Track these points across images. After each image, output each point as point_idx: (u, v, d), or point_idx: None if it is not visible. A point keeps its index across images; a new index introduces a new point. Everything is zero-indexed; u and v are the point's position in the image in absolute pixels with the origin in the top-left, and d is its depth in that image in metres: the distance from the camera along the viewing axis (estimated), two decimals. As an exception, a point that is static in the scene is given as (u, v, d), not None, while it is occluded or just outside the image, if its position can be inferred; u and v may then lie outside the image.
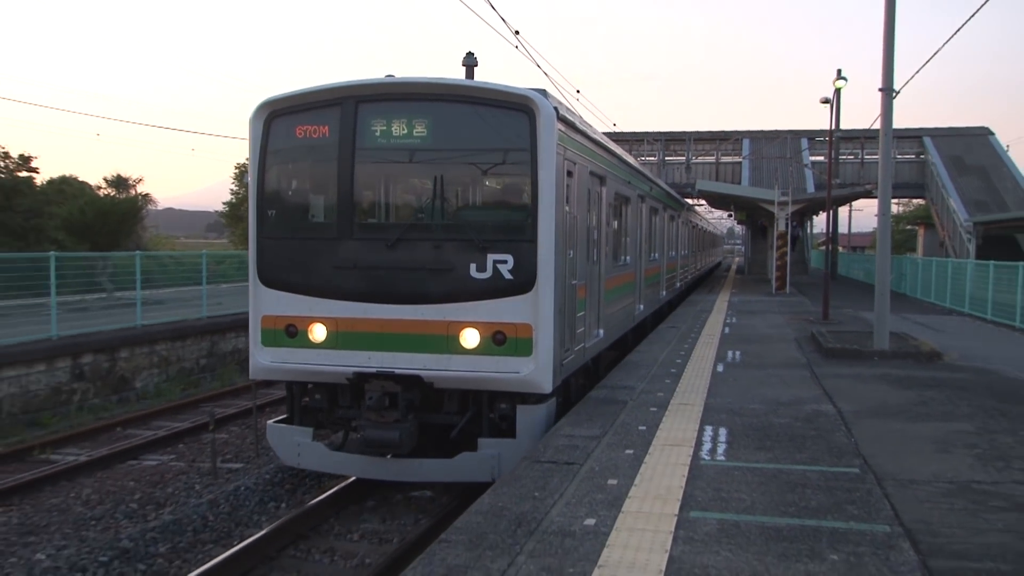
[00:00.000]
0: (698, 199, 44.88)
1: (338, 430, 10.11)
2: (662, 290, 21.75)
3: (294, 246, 9.80)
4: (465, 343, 9.15)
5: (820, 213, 49.41)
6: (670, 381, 11.96)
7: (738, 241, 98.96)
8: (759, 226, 47.21)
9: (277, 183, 10.06)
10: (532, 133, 9.05)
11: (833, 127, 31.24)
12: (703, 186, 39.37)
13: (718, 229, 74.91)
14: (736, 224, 72.40)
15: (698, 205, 46.46)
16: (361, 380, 9.31)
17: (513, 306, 9.07)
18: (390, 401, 9.15)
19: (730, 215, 59.64)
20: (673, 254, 24.46)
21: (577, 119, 10.79)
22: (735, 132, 53.42)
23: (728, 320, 21.28)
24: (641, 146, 50.82)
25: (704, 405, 10.32)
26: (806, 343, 16.78)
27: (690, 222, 32.03)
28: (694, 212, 36.34)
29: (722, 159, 52.64)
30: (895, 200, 58.75)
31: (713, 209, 56.23)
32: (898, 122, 16.26)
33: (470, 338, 9.14)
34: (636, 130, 52.13)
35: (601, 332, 12.49)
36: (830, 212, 34.35)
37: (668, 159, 52.48)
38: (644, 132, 52.64)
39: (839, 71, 30.12)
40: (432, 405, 9.54)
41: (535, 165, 9.04)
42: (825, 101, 31.70)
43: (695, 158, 52.30)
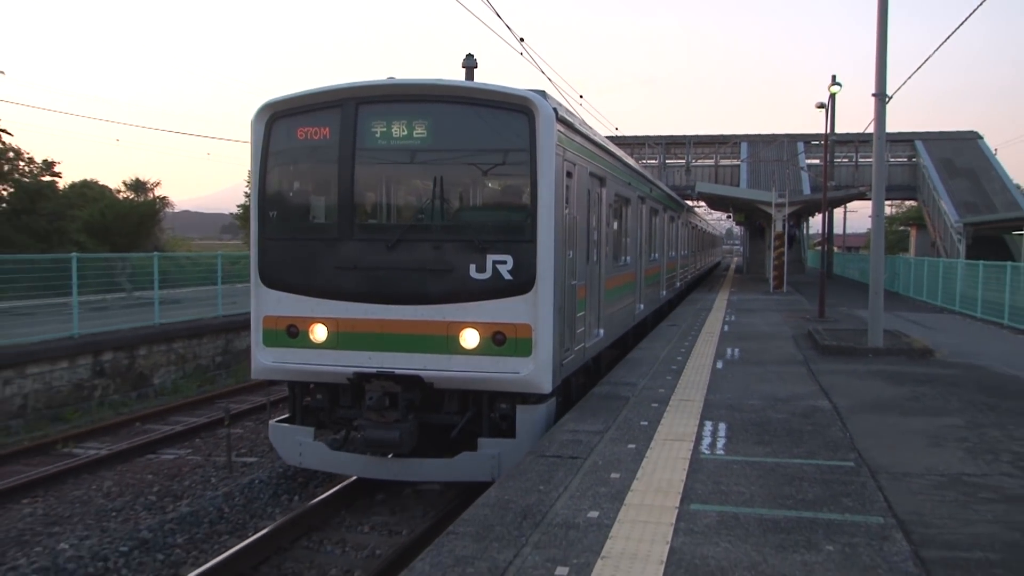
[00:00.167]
0: (698, 201, 44.91)
1: (339, 430, 9.90)
2: (662, 289, 21.51)
3: (295, 247, 9.59)
4: (465, 343, 8.94)
5: (816, 214, 49.43)
6: (671, 378, 11.95)
7: (737, 241, 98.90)
8: (757, 227, 47.14)
9: (278, 185, 9.86)
10: (531, 134, 8.84)
11: (828, 131, 31.23)
12: (703, 188, 39.38)
13: (717, 230, 74.77)
14: (735, 225, 72.40)
15: (698, 207, 46.44)
16: (361, 380, 9.11)
17: (512, 306, 8.86)
18: (390, 401, 8.95)
19: (729, 216, 59.73)
20: (673, 254, 24.23)
21: (576, 120, 10.60)
22: (733, 136, 53.30)
23: (727, 318, 21.25)
24: (642, 149, 50.74)
25: (704, 401, 10.31)
26: (803, 340, 16.75)
27: (690, 223, 31.92)
28: (694, 213, 36.25)
29: (721, 162, 52.54)
30: (888, 202, 58.65)
31: (712, 210, 56.27)
32: (891, 126, 16.26)
33: (470, 338, 8.93)
34: (638, 134, 52.04)
35: (601, 332, 12.28)
36: (825, 213, 34.30)
37: (668, 162, 52.39)
38: (645, 136, 52.53)
39: (833, 77, 30.15)
40: (432, 405, 9.32)
41: (534, 166, 8.84)
42: (821, 106, 31.60)
43: (695, 161, 52.22)
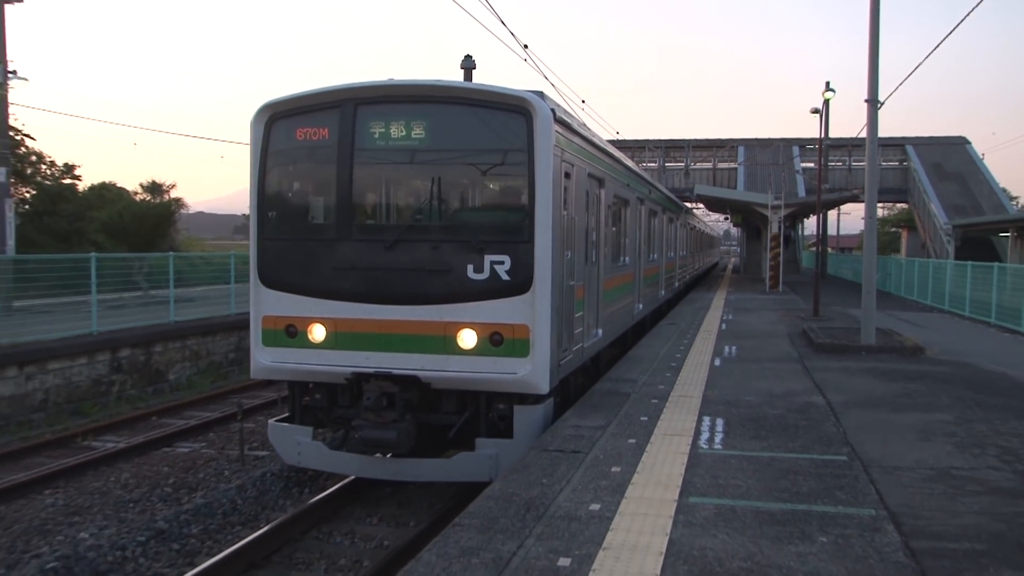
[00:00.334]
0: (696, 203, 44.86)
1: (338, 429, 9.71)
2: (661, 289, 21.36)
3: (294, 247, 9.37)
4: (462, 344, 8.71)
5: (811, 216, 49.33)
6: (670, 375, 11.95)
7: (734, 242, 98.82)
8: (754, 228, 47.11)
9: (277, 185, 9.64)
10: (529, 135, 8.61)
11: (822, 135, 31.19)
12: (701, 190, 39.41)
13: (715, 231, 74.72)
14: (732, 226, 72.27)
15: (696, 208, 46.41)
16: (359, 380, 8.90)
17: (510, 307, 8.62)
18: (388, 401, 8.73)
19: (727, 218, 59.61)
20: (672, 255, 24.09)
21: (575, 122, 10.37)
22: (731, 140, 53.30)
23: (725, 317, 21.23)
24: (643, 153, 50.74)
25: (702, 397, 10.31)
26: (798, 338, 16.74)
27: (688, 224, 31.87)
28: (692, 215, 36.21)
29: (719, 165, 52.53)
30: (880, 204, 58.54)
31: (711, 212, 56.19)
32: (882, 131, 16.24)
33: (467, 339, 8.70)
34: (638, 138, 52.06)
35: (600, 332, 12.03)
36: (820, 215, 34.22)
37: (668, 165, 52.39)
38: (645, 140, 52.54)
39: (827, 83, 30.13)
40: (430, 405, 9.09)
41: (532, 166, 8.61)
42: (815, 111, 31.56)
43: (693, 164, 52.20)
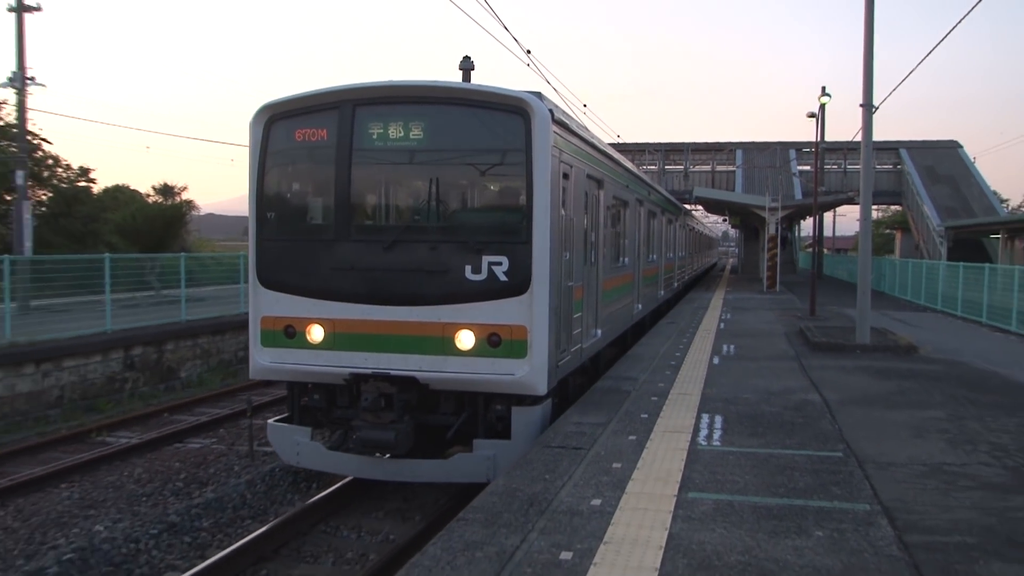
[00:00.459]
0: (696, 205, 44.86)
1: (337, 430, 9.50)
2: (660, 290, 21.18)
3: (292, 248, 9.16)
4: (460, 345, 8.49)
5: (807, 218, 49.33)
6: (670, 372, 11.94)
7: (732, 243, 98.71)
8: (752, 230, 47.09)
9: (276, 186, 9.42)
10: (527, 135, 8.41)
11: (818, 139, 31.15)
12: (700, 193, 39.40)
13: (714, 232, 74.67)
14: (730, 228, 72.22)
15: (695, 210, 46.40)
16: (357, 381, 8.71)
17: (508, 308, 8.41)
18: (386, 402, 8.53)
19: (725, 219, 59.55)
20: (671, 255, 23.97)
21: (573, 123, 10.15)
22: (729, 143, 53.29)
23: (723, 316, 21.21)
24: (643, 156, 50.74)
25: (701, 395, 10.30)
26: (795, 337, 16.73)
27: (687, 225, 31.80)
28: (691, 216, 36.18)
29: (717, 168, 52.53)
30: (875, 206, 58.49)
31: (709, 214, 56.15)
32: (877, 135, 16.25)
33: (465, 340, 8.48)
34: (639, 141, 52.03)
35: (599, 332, 11.82)
36: (816, 217, 34.21)
37: (668, 168, 52.41)
38: (646, 143, 52.54)
39: (823, 88, 30.02)
40: (428, 406, 8.89)
41: (530, 167, 8.39)
42: (811, 115, 31.56)
43: (693, 167, 52.20)
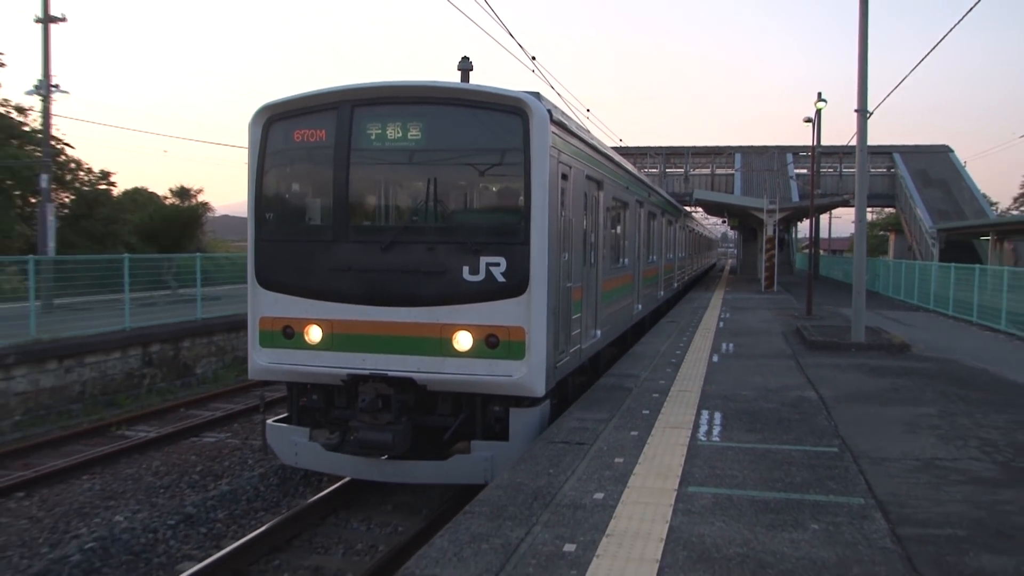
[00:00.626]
0: (696, 207, 44.81)
1: (336, 430, 9.28)
2: (660, 290, 20.93)
3: (291, 249, 8.91)
4: (458, 346, 8.23)
5: (804, 220, 49.16)
6: (671, 370, 11.92)
7: (731, 245, 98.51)
8: (750, 231, 47.06)
9: (275, 186, 9.20)
10: (525, 135, 8.14)
11: (815, 143, 31.10)
12: (700, 195, 39.40)
13: (713, 234, 74.51)
14: (730, 229, 72.09)
15: (695, 212, 46.33)
16: (355, 382, 8.43)
17: (506, 309, 8.15)
18: (383, 403, 8.27)
19: (724, 221, 59.46)
20: (671, 256, 23.77)
21: (572, 124, 9.88)
22: (728, 147, 53.21)
23: (722, 315, 21.16)
24: (644, 159, 50.70)
25: (701, 392, 10.28)
26: (792, 336, 16.68)
27: (687, 227, 31.67)
28: (691, 218, 36.08)
29: (717, 171, 52.50)
30: (869, 209, 58.37)
31: (709, 216, 56.07)
32: (871, 139, 16.20)
33: (463, 341, 8.22)
34: (640, 145, 52.01)
35: (598, 333, 11.50)
36: (813, 219, 34.10)
37: (669, 171, 52.38)
38: (647, 147, 52.49)
39: (819, 94, 29.96)
40: (426, 407, 8.60)
41: (528, 167, 8.13)
42: (808, 120, 31.47)
43: (693, 170, 52.17)
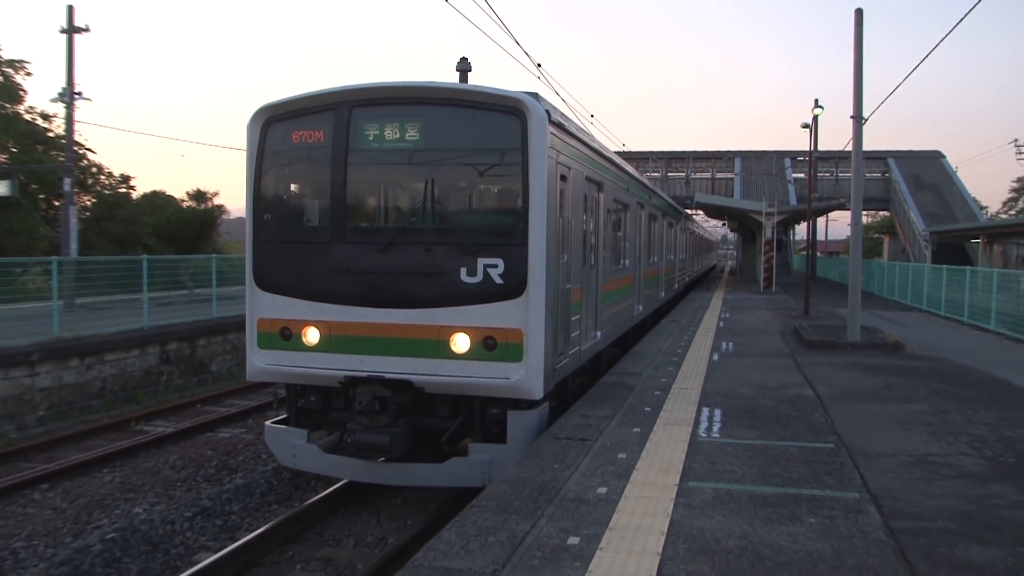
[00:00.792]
0: (696, 209, 44.73)
1: (333, 432, 9.07)
2: (661, 291, 20.68)
3: (288, 250, 8.65)
4: (455, 348, 7.98)
5: (801, 222, 49.03)
6: (672, 368, 11.91)
7: (731, 246, 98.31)
8: (749, 233, 46.93)
9: (273, 188, 8.94)
10: (523, 136, 7.88)
11: (812, 149, 31.08)
12: (701, 198, 39.36)
13: (714, 236, 74.32)
14: (729, 231, 71.97)
15: (696, 215, 46.26)
16: (352, 384, 8.20)
17: (503, 311, 7.88)
18: (380, 405, 8.02)
19: (724, 224, 59.32)
20: (672, 258, 23.52)
21: (572, 125, 9.62)
22: (728, 152, 53.05)
23: (722, 315, 21.13)
24: (647, 163, 50.59)
25: (701, 389, 10.27)
26: (789, 335, 16.64)
27: (688, 229, 31.53)
28: (692, 220, 35.97)
29: (717, 175, 52.36)
30: (864, 212, 58.21)
31: (710, 218, 55.97)
32: (866, 145, 16.18)
33: (460, 343, 7.96)
34: (643, 149, 51.95)
35: (598, 334, 11.22)
36: (810, 222, 34.01)
37: (670, 175, 52.25)
38: (650, 151, 52.38)
39: (816, 100, 30.03)
40: (423, 409, 8.35)
41: (526, 168, 7.86)
42: (805, 126, 31.40)
43: (694, 174, 52.06)
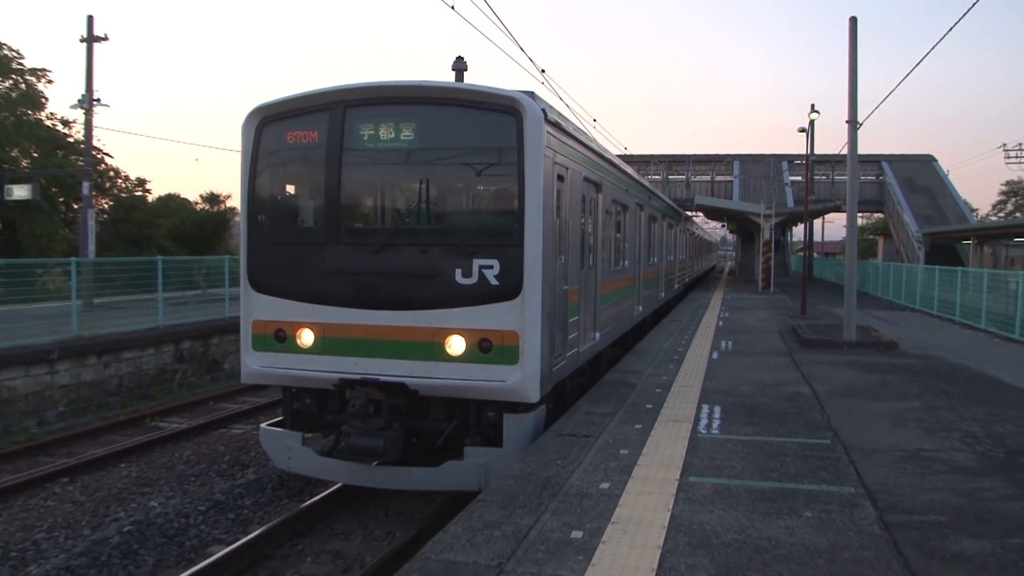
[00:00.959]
0: (696, 211, 44.72)
1: (329, 435, 8.82)
2: (661, 291, 20.46)
3: (283, 251, 8.40)
4: (451, 350, 7.68)
5: (798, 224, 48.99)
6: (673, 367, 11.93)
7: (730, 247, 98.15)
8: (748, 234, 46.88)
9: (268, 189, 8.68)
10: (519, 135, 7.58)
11: (809, 152, 31.05)
12: (700, 201, 39.36)
13: (713, 237, 74.20)
14: (729, 233, 71.90)
15: (696, 216, 46.23)
16: (346, 386, 7.92)
17: (499, 312, 7.58)
18: (374, 408, 7.75)
19: (724, 225, 59.32)
20: (672, 259, 23.30)
21: (570, 124, 9.33)
22: (727, 155, 53.00)
23: (722, 315, 21.13)
24: (648, 167, 50.55)
25: (701, 387, 10.29)
26: (787, 334, 16.64)
27: (688, 230, 31.42)
28: (692, 222, 35.91)
29: (717, 178, 52.27)
30: (860, 214, 58.13)
31: (709, 220, 55.94)
32: (861, 149, 16.18)
33: (456, 345, 7.66)
34: (644, 153, 51.91)
35: (597, 335, 10.93)
36: (807, 223, 33.96)
37: (671, 178, 52.18)
38: (651, 155, 52.36)
39: (812, 105, 30.03)
40: (418, 413, 8.08)
41: (522, 168, 7.56)
42: (802, 130, 31.45)
43: (694, 177, 51.99)
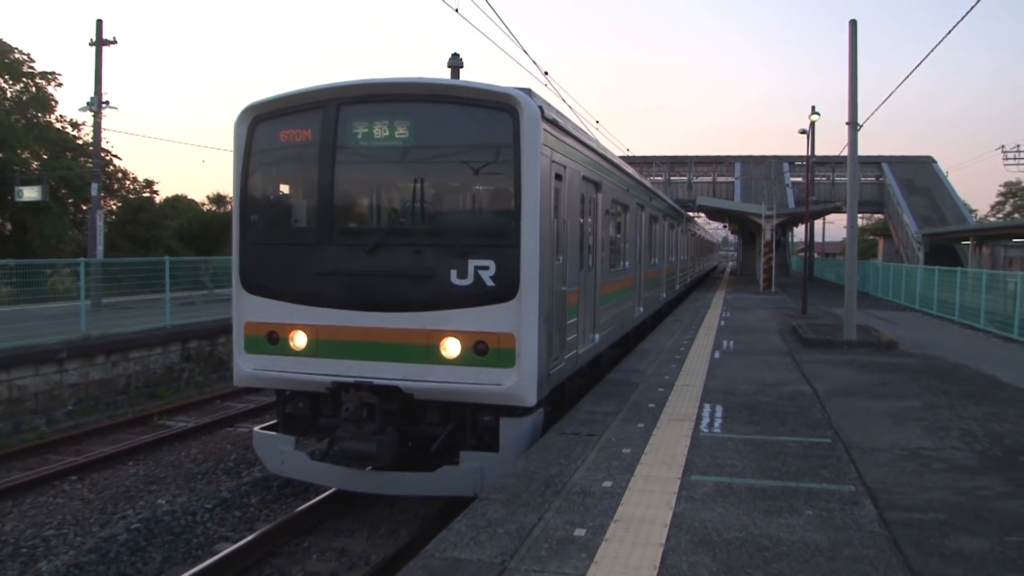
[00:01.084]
0: (698, 212, 44.68)
1: (322, 439, 8.61)
2: (662, 292, 20.23)
3: (275, 252, 8.20)
4: (446, 353, 7.41)
5: (799, 225, 48.94)
6: (675, 366, 11.90)
7: (732, 248, 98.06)
8: (749, 235, 46.84)
9: (261, 188, 8.46)
10: (515, 133, 7.32)
11: (809, 153, 31.02)
12: (702, 202, 39.38)
13: (715, 238, 74.16)
14: (730, 233, 71.83)
15: (698, 217, 46.19)
16: (340, 390, 7.64)
17: (495, 314, 7.31)
18: (368, 412, 7.48)
19: (725, 226, 59.26)
20: (673, 259, 23.12)
21: (568, 123, 9.06)
22: (729, 156, 52.96)
23: (723, 315, 21.10)
24: (650, 168, 50.52)
25: (703, 386, 10.26)
26: (788, 334, 16.60)
27: (689, 231, 31.33)
28: (693, 222, 35.84)
29: (718, 179, 52.24)
30: (860, 215, 58.01)
31: (711, 221, 55.91)
32: (861, 150, 16.13)
33: (451, 348, 7.40)
34: (647, 154, 51.88)
35: (597, 337, 10.62)
36: (807, 224, 33.93)
37: (673, 178, 52.15)
38: (653, 156, 52.33)
39: (813, 107, 30.03)
40: (413, 416, 7.82)
41: (518, 167, 7.31)
42: (803, 132, 31.39)
43: (696, 178, 51.95)
